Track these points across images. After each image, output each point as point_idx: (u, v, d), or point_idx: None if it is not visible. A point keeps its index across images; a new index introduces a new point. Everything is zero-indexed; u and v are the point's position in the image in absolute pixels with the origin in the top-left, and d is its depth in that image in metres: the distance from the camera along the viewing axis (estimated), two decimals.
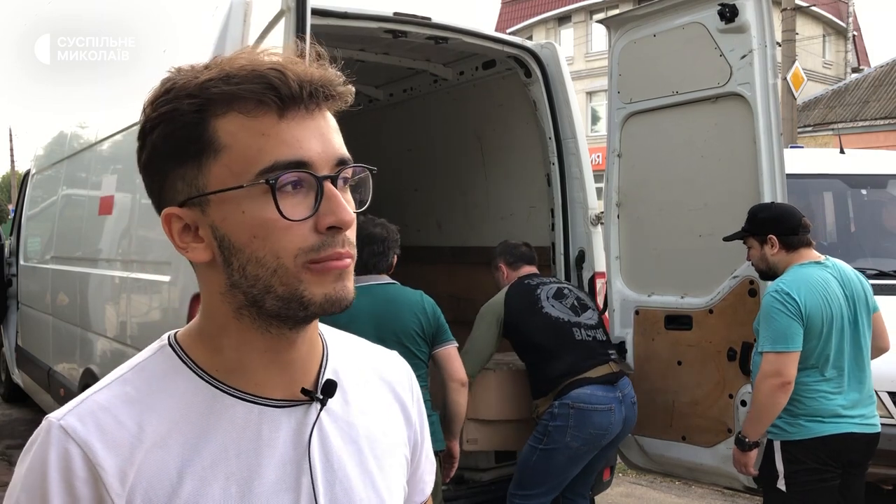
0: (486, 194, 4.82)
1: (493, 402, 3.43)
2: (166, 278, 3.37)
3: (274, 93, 0.76)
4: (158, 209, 0.83)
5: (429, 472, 1.03)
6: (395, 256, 3.08)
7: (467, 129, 4.88)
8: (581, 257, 3.88)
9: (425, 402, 3.00)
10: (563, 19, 30.35)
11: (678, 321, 3.48)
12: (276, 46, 0.85)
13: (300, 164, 0.76)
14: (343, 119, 0.86)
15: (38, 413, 6.54)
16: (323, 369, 0.88)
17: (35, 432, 0.79)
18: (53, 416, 0.78)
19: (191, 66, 0.81)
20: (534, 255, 3.67)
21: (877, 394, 4.16)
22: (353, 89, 0.83)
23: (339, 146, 0.80)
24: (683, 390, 3.44)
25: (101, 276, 4.38)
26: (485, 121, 4.71)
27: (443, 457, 3.03)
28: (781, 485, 2.80)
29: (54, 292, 5.48)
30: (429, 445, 1.02)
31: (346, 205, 0.78)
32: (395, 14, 3.51)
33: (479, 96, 4.61)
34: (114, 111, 4.76)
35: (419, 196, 5.39)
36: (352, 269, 0.81)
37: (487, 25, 17.27)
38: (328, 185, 0.78)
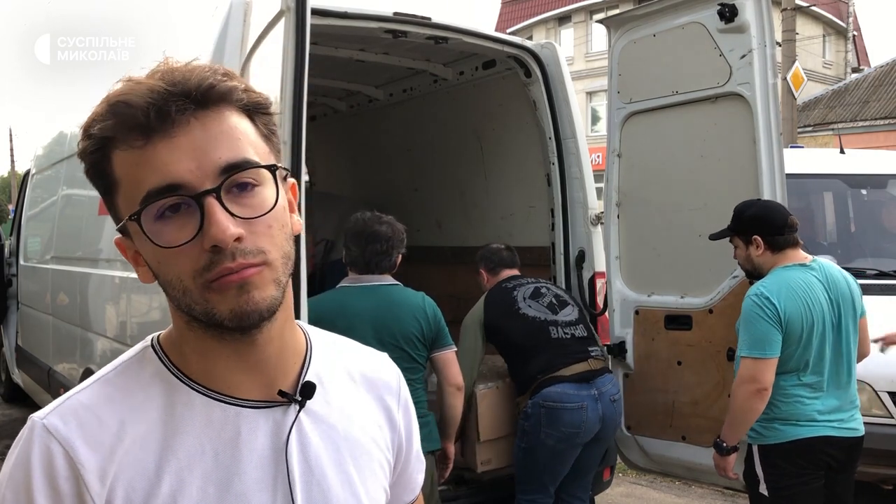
0: (486, 194, 4.82)
1: (500, 418, 3.44)
2: None
3: (126, 126, 0.76)
4: None
5: (418, 470, 1.04)
6: (400, 256, 3.06)
7: (467, 129, 4.87)
8: (581, 257, 3.88)
9: (422, 403, 2.98)
10: (563, 19, 30.35)
11: (678, 321, 3.48)
12: (169, 60, 0.83)
13: (171, 188, 0.75)
14: (343, 119, 0.86)
15: None
16: (304, 371, 0.88)
17: (21, 431, 0.81)
18: (37, 416, 0.80)
19: (105, 95, 0.80)
20: (515, 258, 3.68)
21: (877, 394, 4.18)
22: (232, 85, 0.79)
23: (227, 152, 0.77)
24: (683, 390, 3.44)
25: (101, 276, 4.39)
26: (485, 121, 4.71)
27: (438, 457, 3.03)
28: (763, 489, 2.78)
29: (54, 292, 5.48)
30: (417, 446, 1.02)
31: (225, 219, 0.75)
32: (395, 14, 3.51)
33: (479, 96, 4.61)
34: None
35: (419, 196, 5.38)
36: (262, 276, 0.78)
37: (487, 25, 17.30)
38: (207, 201, 0.75)
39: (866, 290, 4.81)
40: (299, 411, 0.86)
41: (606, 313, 3.74)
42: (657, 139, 3.58)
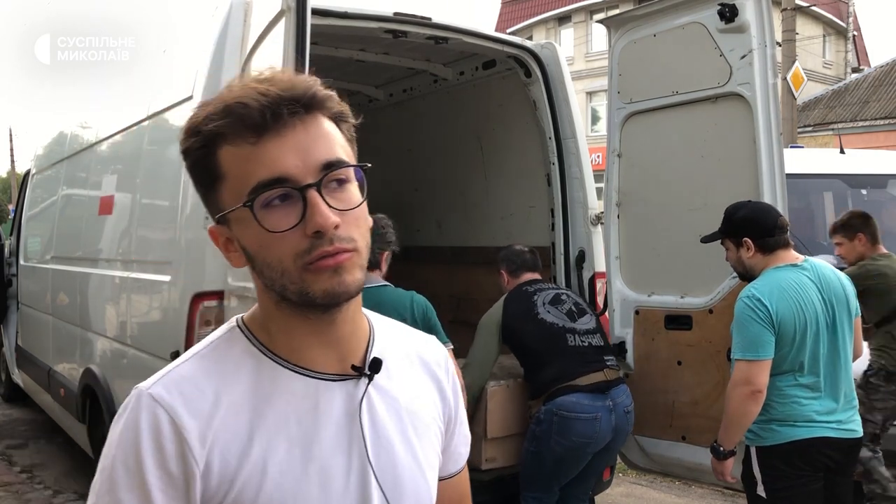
0: (485, 194, 4.82)
1: (508, 417, 3.44)
2: (166, 278, 3.37)
3: (241, 123, 0.86)
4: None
5: (463, 444, 1.14)
6: (386, 254, 3.01)
7: (467, 129, 4.87)
8: (581, 257, 3.88)
9: None
10: (563, 19, 30.35)
11: (678, 321, 3.48)
12: (266, 68, 0.94)
13: (279, 181, 0.86)
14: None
15: (39, 413, 6.55)
16: (370, 348, 1.00)
17: (126, 400, 0.91)
18: (143, 386, 0.91)
19: (209, 100, 0.92)
20: (537, 262, 3.66)
21: None
22: (331, 93, 0.92)
23: (325, 151, 0.89)
24: (683, 390, 3.44)
25: (101, 275, 4.39)
26: (485, 121, 4.71)
27: None
28: (761, 490, 2.77)
29: (54, 292, 5.48)
30: (464, 421, 1.13)
31: (327, 208, 0.86)
32: (395, 14, 3.51)
33: (479, 96, 4.61)
34: (114, 111, 4.76)
35: (419, 196, 5.39)
36: (353, 261, 0.89)
37: (487, 25, 17.29)
38: (309, 193, 0.87)
39: None
40: (368, 384, 0.97)
41: (606, 313, 3.74)
42: (657, 139, 3.58)
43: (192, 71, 3.37)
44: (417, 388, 1.04)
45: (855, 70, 24.44)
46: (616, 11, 5.86)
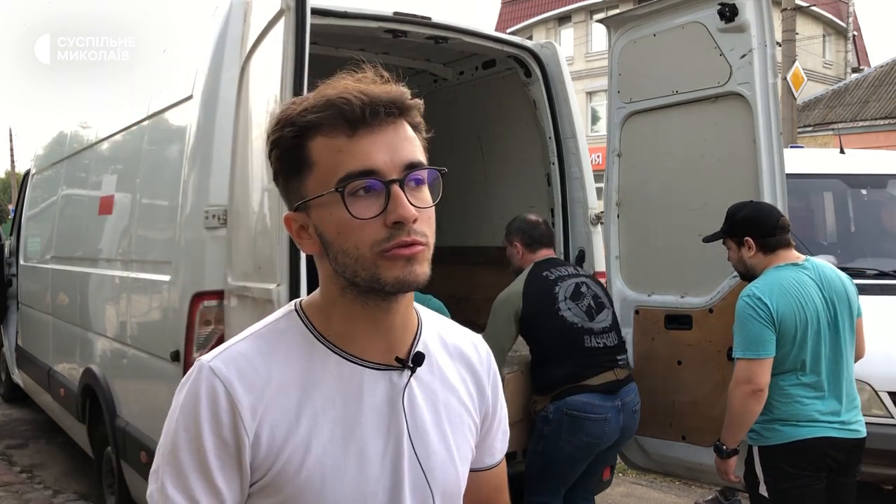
0: (485, 194, 4.82)
1: (518, 403, 3.33)
2: (166, 278, 3.37)
3: (342, 117, 0.94)
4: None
5: (501, 440, 1.22)
6: None
7: (467, 129, 4.87)
8: (581, 257, 3.88)
9: None
10: (563, 19, 30.36)
11: (678, 321, 3.48)
12: (363, 75, 1.04)
13: (368, 172, 0.94)
14: None
15: (39, 413, 6.55)
16: (416, 342, 1.06)
17: (188, 371, 0.99)
18: (205, 359, 0.99)
19: (304, 96, 1.01)
20: (553, 235, 3.56)
21: (877, 394, 4.18)
22: (420, 102, 1.01)
23: (410, 153, 0.97)
24: (683, 390, 3.44)
25: (101, 275, 4.38)
26: (485, 121, 4.71)
27: None
28: (763, 490, 2.77)
29: (54, 292, 5.48)
30: (503, 418, 1.20)
31: (409, 202, 0.94)
32: (395, 14, 3.50)
33: (479, 96, 4.61)
34: (114, 111, 4.76)
35: None
36: (424, 254, 0.97)
37: (487, 25, 17.27)
38: (394, 187, 0.94)
39: (866, 290, 4.83)
40: (411, 376, 1.04)
41: None
42: (657, 139, 3.58)
43: (191, 71, 3.37)
44: (456, 383, 1.11)
45: (855, 70, 24.44)
46: (616, 11, 5.86)
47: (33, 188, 6.90)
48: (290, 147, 0.97)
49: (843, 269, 5.09)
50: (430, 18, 3.63)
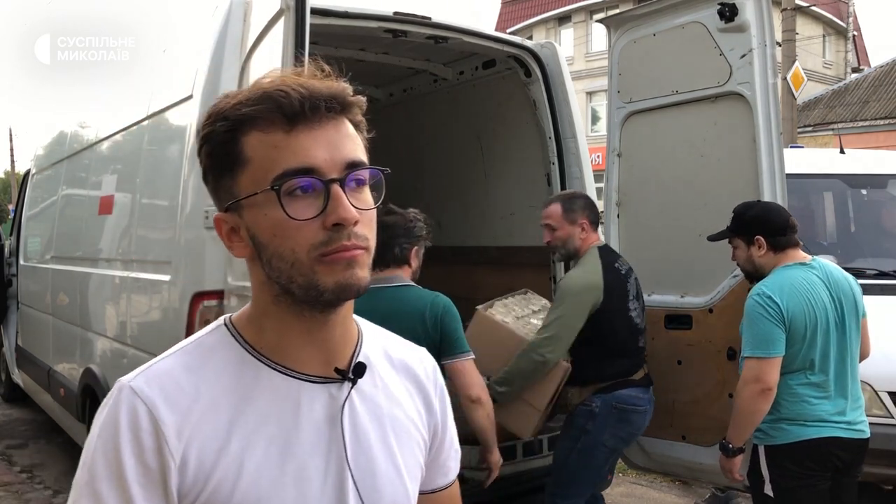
0: (486, 194, 4.82)
1: (559, 394, 3.19)
2: (166, 278, 3.37)
3: (279, 111, 0.88)
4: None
5: (453, 458, 1.14)
6: (414, 249, 2.83)
7: (467, 129, 4.87)
8: None
9: None
10: (563, 19, 30.36)
11: (678, 321, 3.48)
12: (276, 68, 0.98)
13: (307, 170, 0.88)
14: None
15: (38, 413, 6.55)
16: (356, 353, 1.00)
17: (108, 393, 0.92)
18: (125, 379, 0.92)
19: (237, 90, 0.95)
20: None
21: (877, 394, 4.18)
22: (364, 99, 0.94)
23: (350, 151, 0.91)
24: (683, 390, 3.44)
25: (101, 275, 4.38)
26: (485, 121, 4.71)
27: (482, 466, 2.92)
28: (768, 489, 2.77)
29: (54, 292, 5.48)
30: (453, 435, 1.13)
31: (350, 204, 0.88)
32: (395, 14, 3.51)
33: (479, 96, 4.61)
34: (114, 111, 4.76)
35: (419, 196, 5.38)
36: (364, 259, 0.91)
37: (487, 25, 17.27)
38: (334, 187, 0.88)
39: (866, 290, 4.81)
40: (352, 388, 0.97)
41: None
42: (657, 139, 3.58)
43: (191, 70, 3.37)
44: (402, 396, 1.04)
45: (855, 70, 24.43)
46: (616, 11, 5.86)
47: (33, 188, 6.90)
48: (221, 142, 0.91)
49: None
50: (430, 18, 3.63)
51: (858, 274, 4.96)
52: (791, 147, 6.44)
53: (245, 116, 0.89)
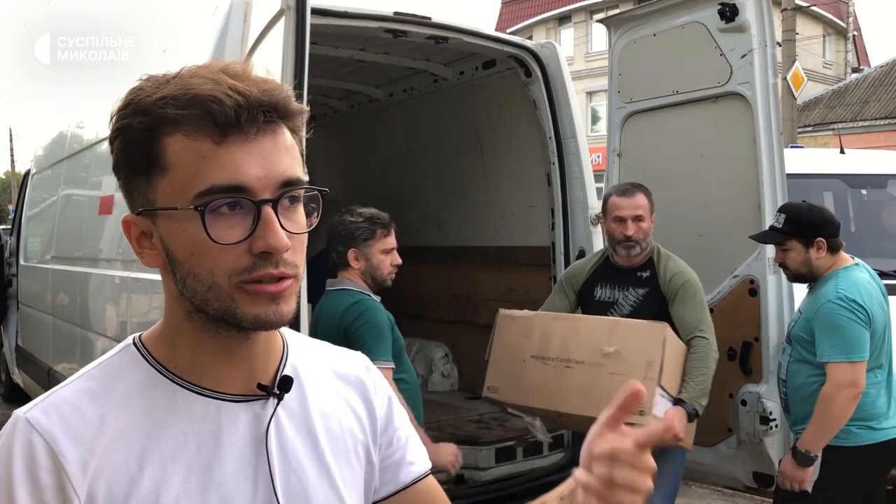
0: (486, 194, 4.82)
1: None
2: None
3: (211, 119, 0.78)
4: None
5: (413, 451, 1.02)
6: (346, 251, 2.80)
7: (467, 129, 4.87)
8: (581, 257, 3.88)
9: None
10: (563, 19, 30.35)
11: None
12: (234, 61, 0.86)
13: (237, 189, 0.78)
14: (343, 119, 0.87)
15: None
16: (282, 366, 0.92)
17: (5, 426, 0.82)
18: (20, 411, 0.82)
19: (162, 75, 0.84)
20: None
21: None
22: (305, 108, 0.85)
23: (286, 168, 0.81)
24: None
25: (101, 275, 4.38)
26: (485, 121, 4.71)
27: None
28: (809, 485, 2.71)
29: (54, 292, 5.48)
30: (407, 429, 1.02)
31: (281, 229, 0.79)
32: (395, 13, 3.50)
33: (479, 96, 4.61)
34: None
35: (419, 196, 5.38)
36: (292, 289, 0.83)
37: (487, 25, 17.27)
38: (265, 209, 0.79)
39: None
40: (277, 404, 0.89)
41: None
42: (657, 139, 3.58)
43: None
44: (335, 406, 0.96)
45: (855, 70, 24.43)
46: (616, 11, 5.87)
47: (33, 188, 6.90)
48: (138, 141, 0.81)
49: None
50: (430, 18, 3.63)
51: None
52: (791, 147, 6.45)
53: (169, 118, 0.79)
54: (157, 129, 0.80)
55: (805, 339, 2.75)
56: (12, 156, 34.22)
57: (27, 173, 7.48)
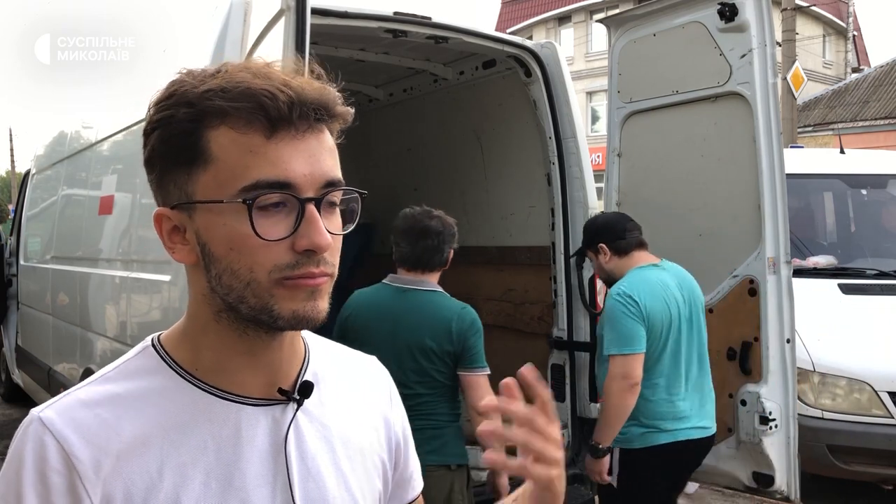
0: (486, 194, 4.82)
1: None
2: (166, 278, 3.37)
3: (263, 113, 0.77)
4: (158, 205, 0.86)
5: (416, 468, 1.06)
6: (452, 252, 2.92)
7: (467, 129, 4.87)
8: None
9: (440, 414, 2.84)
10: (563, 19, 30.36)
11: None
12: (277, 60, 0.86)
13: (283, 185, 0.78)
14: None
15: None
16: (303, 371, 0.91)
17: (20, 425, 0.82)
18: (35, 410, 0.81)
19: (202, 69, 0.83)
20: None
21: (877, 394, 4.18)
22: (352, 110, 0.85)
23: (330, 168, 0.81)
24: None
25: (101, 275, 4.38)
26: (485, 120, 4.71)
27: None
28: (614, 480, 2.87)
29: (54, 292, 5.48)
30: (412, 445, 1.05)
31: (325, 228, 0.79)
32: (395, 14, 3.50)
33: (479, 96, 4.61)
34: (114, 111, 4.76)
35: (419, 196, 5.37)
36: (327, 287, 0.83)
37: (487, 25, 17.27)
38: (310, 207, 0.79)
39: (866, 290, 4.85)
40: (297, 409, 0.88)
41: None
42: (657, 139, 3.58)
43: None
44: (354, 413, 0.96)
45: (855, 70, 24.43)
46: (616, 11, 5.87)
47: (33, 188, 6.90)
48: (182, 132, 0.79)
49: (842, 269, 5.12)
50: (430, 18, 3.63)
51: (858, 274, 4.99)
52: (791, 147, 6.45)
53: (217, 109, 0.78)
54: (202, 120, 0.79)
55: (601, 336, 2.91)
56: (12, 156, 34.23)
57: (27, 173, 7.48)
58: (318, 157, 0.80)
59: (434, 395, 2.74)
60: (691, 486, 4.50)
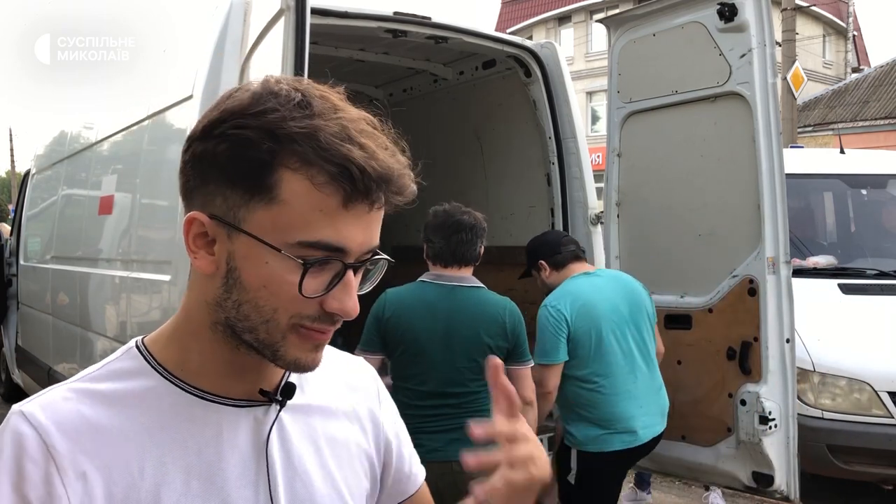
0: (486, 194, 4.82)
1: None
2: (166, 278, 3.37)
3: (348, 183, 0.76)
4: (186, 203, 0.83)
5: (416, 462, 1.08)
6: (483, 247, 2.93)
7: (467, 129, 4.87)
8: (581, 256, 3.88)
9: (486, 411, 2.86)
10: (563, 19, 30.35)
11: (678, 320, 3.48)
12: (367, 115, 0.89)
13: (339, 251, 0.79)
14: None
15: None
16: (287, 373, 0.91)
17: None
18: (17, 405, 0.83)
19: (288, 87, 0.80)
20: None
21: (877, 394, 4.18)
22: (415, 191, 0.85)
23: (375, 237, 0.83)
24: (683, 390, 3.44)
25: (101, 275, 4.38)
26: (485, 120, 4.71)
27: None
28: (572, 478, 2.97)
29: (54, 292, 5.48)
30: (407, 439, 1.06)
31: (355, 296, 0.81)
32: (395, 14, 3.51)
33: (479, 96, 4.61)
34: (114, 111, 4.76)
35: (418, 196, 5.36)
36: (327, 339, 0.85)
37: (487, 25, 17.26)
38: (349, 273, 0.80)
39: (866, 290, 4.85)
40: (280, 410, 0.89)
41: None
42: (657, 139, 3.58)
43: (191, 70, 3.37)
44: (340, 413, 0.96)
45: (855, 70, 24.43)
46: (616, 11, 5.87)
47: (33, 188, 6.90)
48: (256, 161, 0.76)
49: (843, 269, 5.12)
50: (430, 18, 3.63)
51: (858, 274, 4.99)
52: (791, 147, 6.45)
53: (302, 156, 0.76)
54: (279, 157, 0.76)
55: None
56: (12, 156, 34.21)
57: (27, 173, 7.48)
58: (371, 228, 0.81)
59: (484, 392, 2.74)
60: (714, 496, 4.58)
